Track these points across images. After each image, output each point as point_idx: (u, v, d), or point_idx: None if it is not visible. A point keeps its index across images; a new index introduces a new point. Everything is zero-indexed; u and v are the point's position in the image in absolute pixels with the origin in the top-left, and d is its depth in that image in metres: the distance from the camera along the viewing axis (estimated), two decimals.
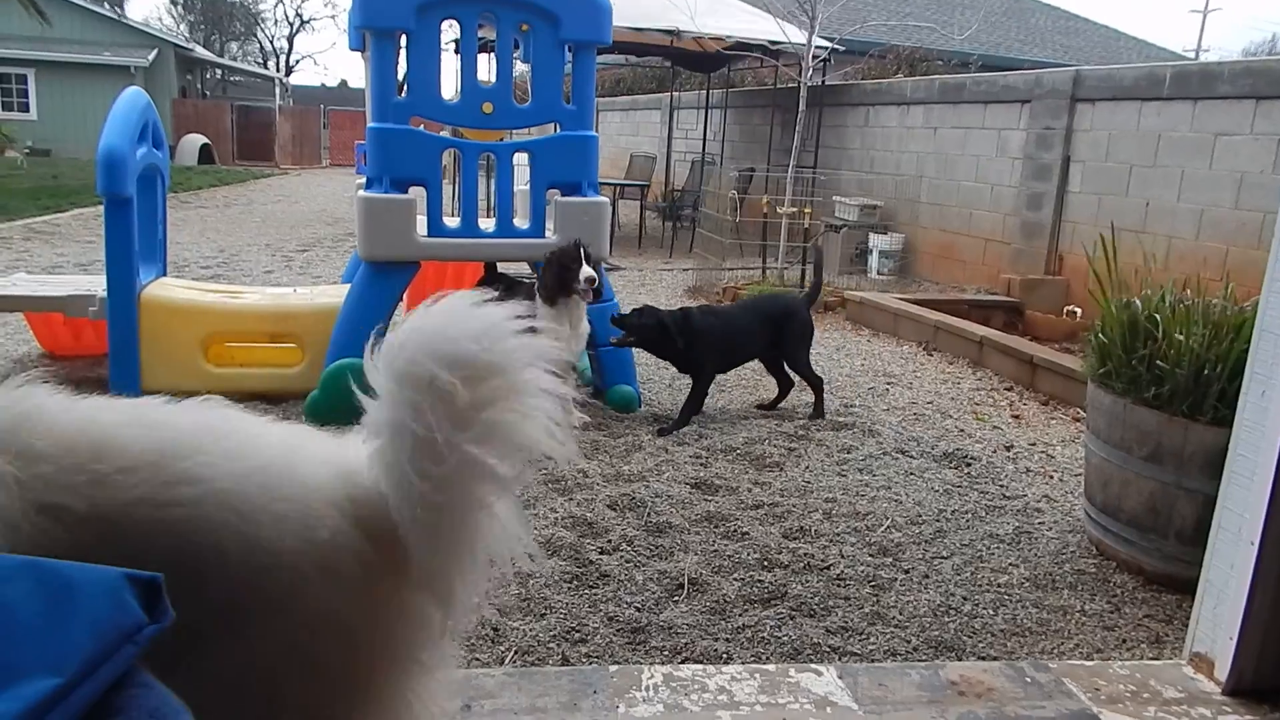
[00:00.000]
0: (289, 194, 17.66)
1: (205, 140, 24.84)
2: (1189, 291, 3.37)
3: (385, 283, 4.54)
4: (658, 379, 5.50)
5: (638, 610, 2.81)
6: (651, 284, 9.01)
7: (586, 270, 4.32)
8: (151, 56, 25.69)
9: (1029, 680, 2.42)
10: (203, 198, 16.00)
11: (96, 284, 4.90)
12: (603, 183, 8.59)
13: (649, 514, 3.50)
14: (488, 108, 4.54)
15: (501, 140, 5.64)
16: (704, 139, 13.06)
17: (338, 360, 4.38)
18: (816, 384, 4.88)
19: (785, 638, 2.69)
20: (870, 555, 3.26)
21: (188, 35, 39.82)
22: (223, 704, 1.13)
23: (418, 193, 4.58)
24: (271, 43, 50.73)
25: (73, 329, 5.35)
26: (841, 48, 11.12)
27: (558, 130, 4.73)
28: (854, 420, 4.81)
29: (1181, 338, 3.08)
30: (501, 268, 5.12)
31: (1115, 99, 7.55)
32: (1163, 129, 7.13)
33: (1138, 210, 7.31)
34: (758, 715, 2.20)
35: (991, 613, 2.91)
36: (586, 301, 4.38)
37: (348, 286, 4.81)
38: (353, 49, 4.99)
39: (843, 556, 3.23)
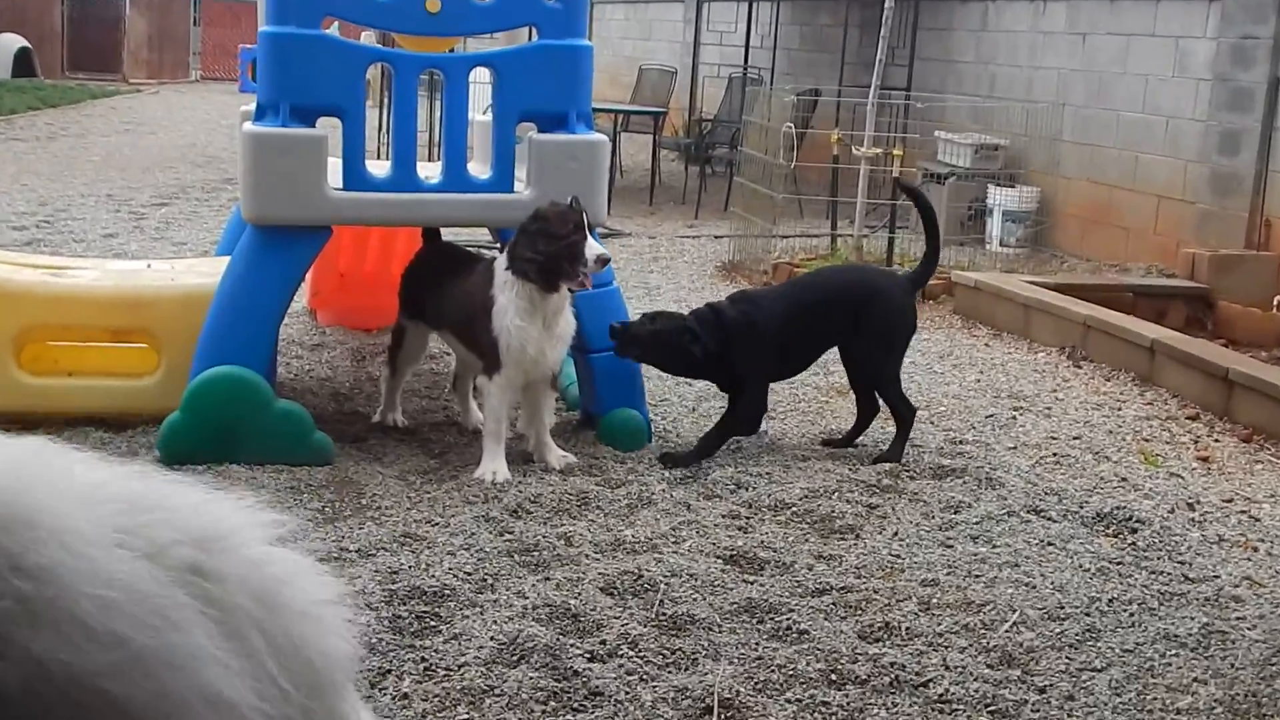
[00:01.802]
0: (142, 121, 17.69)
1: (24, 43, 24.90)
2: None
3: (281, 256, 4.52)
4: (675, 398, 5.48)
5: None
6: (669, 256, 8.99)
7: (595, 247, 4.30)
8: None
9: None
10: (18, 126, 16.05)
11: None
12: (598, 109, 8.54)
13: (662, 601, 3.47)
14: (433, 5, 4.52)
15: (452, 51, 5.62)
16: (746, 46, 13.03)
17: (209, 368, 4.36)
18: (903, 410, 4.87)
19: None
20: (988, 666, 3.23)
21: None
22: None
23: (330, 126, 4.56)
24: None
25: None
26: None
27: (534, 37, 4.72)
28: (964, 464, 4.78)
29: None
30: (448, 234, 5.12)
31: None
32: None
33: None
34: None
35: None
36: (585, 288, 4.38)
37: (226, 260, 4.80)
38: None
39: (948, 668, 3.19)
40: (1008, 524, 4.19)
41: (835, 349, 5.01)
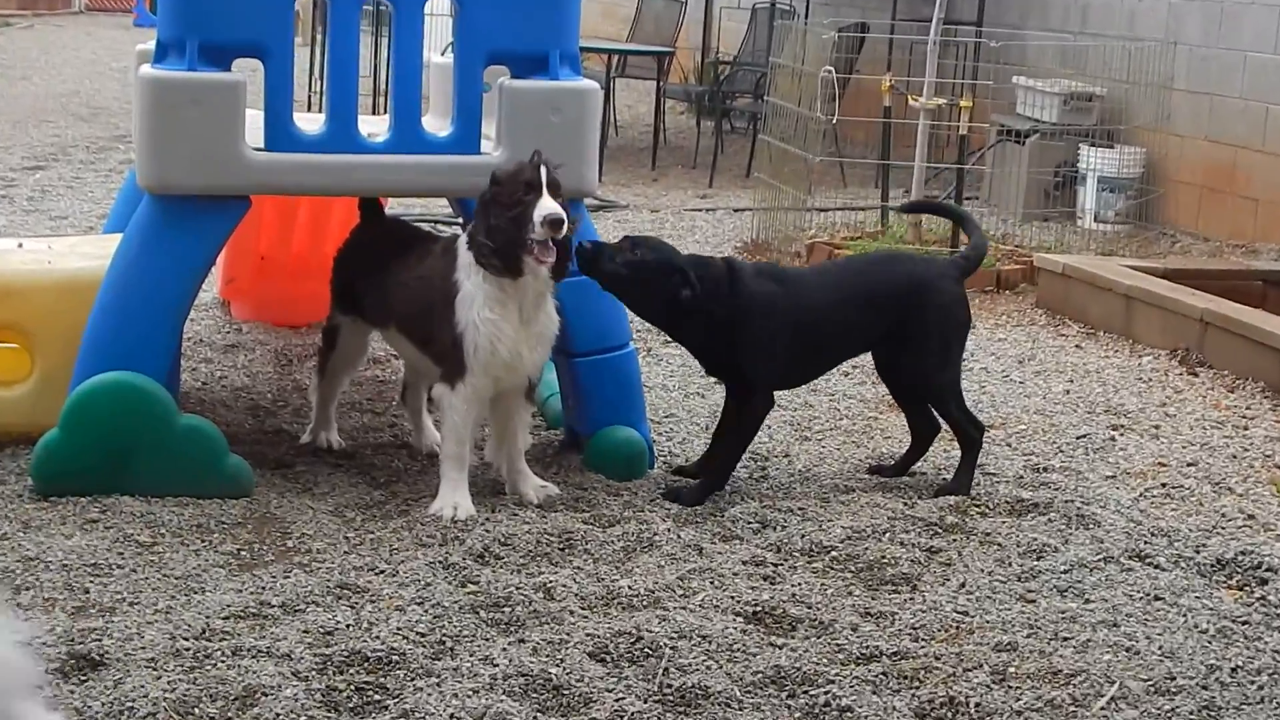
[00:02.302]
0: (11, 63, 17.76)
1: None
2: None
3: (186, 234, 4.53)
4: (684, 413, 5.49)
5: None
6: (676, 234, 9.04)
7: (547, 205, 4.26)
8: None
9: None
10: None
11: None
12: (588, 49, 8.48)
13: (667, 670, 3.45)
14: None
15: None
16: None
17: (95, 375, 4.36)
18: (969, 429, 4.90)
19: None
20: None
21: None
22: None
23: (249, 69, 4.56)
24: None
25: None
26: None
27: None
28: (1050, 496, 4.79)
29: None
30: (393, 208, 5.05)
31: None
32: None
33: None
34: None
35: None
36: (546, 265, 4.33)
37: (117, 239, 4.80)
38: None
39: None
40: (1104, 573, 4.19)
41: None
